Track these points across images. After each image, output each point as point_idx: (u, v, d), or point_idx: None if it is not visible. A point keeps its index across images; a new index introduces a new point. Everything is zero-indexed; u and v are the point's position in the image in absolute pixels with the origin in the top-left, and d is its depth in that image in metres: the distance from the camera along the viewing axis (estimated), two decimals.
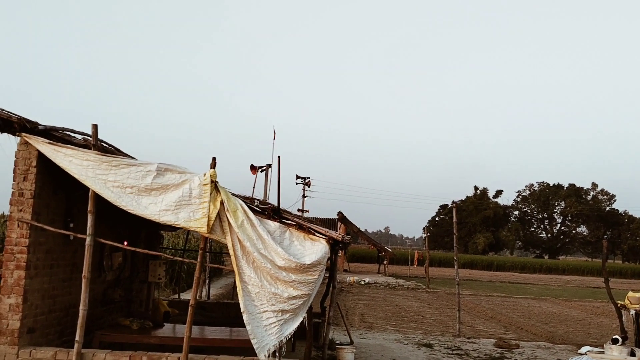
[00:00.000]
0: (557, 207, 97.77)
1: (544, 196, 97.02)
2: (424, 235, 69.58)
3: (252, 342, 6.45)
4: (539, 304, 25.12)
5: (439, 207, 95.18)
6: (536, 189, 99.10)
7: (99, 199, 6.57)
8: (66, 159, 6.48)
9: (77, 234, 6.88)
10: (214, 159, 6.70)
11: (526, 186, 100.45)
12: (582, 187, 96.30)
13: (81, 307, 6.54)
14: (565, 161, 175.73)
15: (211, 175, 6.58)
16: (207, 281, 15.72)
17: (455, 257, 16.10)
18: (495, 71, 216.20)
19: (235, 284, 7.11)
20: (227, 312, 10.93)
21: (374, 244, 44.37)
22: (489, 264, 66.34)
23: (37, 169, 6.60)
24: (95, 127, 6.56)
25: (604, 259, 11.76)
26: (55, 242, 6.99)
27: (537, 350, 12.64)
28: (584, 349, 10.61)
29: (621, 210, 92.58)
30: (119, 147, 7.08)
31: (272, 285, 6.55)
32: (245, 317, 6.46)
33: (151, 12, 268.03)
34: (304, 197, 40.94)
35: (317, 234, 6.89)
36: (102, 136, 6.68)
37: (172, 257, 12.74)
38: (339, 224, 27.60)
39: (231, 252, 6.57)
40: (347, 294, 24.52)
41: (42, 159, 6.60)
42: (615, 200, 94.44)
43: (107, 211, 7.02)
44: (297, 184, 40.13)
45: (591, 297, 30.79)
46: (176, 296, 14.93)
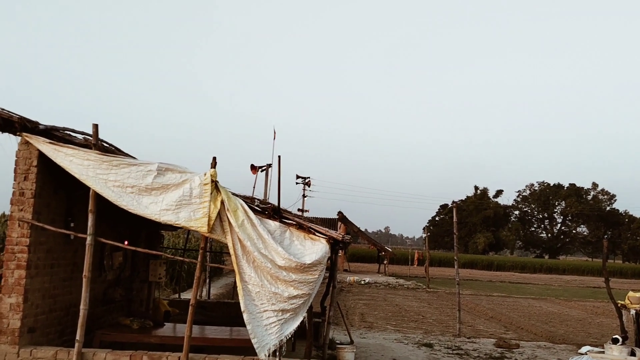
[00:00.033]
0: (557, 207, 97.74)
1: (544, 196, 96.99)
2: (424, 235, 69.62)
3: (253, 341, 6.46)
4: (539, 304, 25.12)
5: (439, 207, 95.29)
6: (536, 188, 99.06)
7: (99, 198, 6.58)
8: (67, 158, 6.49)
9: (77, 234, 6.90)
10: (214, 158, 6.72)
11: (526, 186, 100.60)
12: (583, 187, 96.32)
13: (82, 306, 6.55)
14: (565, 161, 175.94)
15: (211, 174, 6.59)
16: (208, 281, 15.73)
17: (455, 257, 16.11)
18: (495, 71, 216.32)
19: (235, 283, 7.12)
20: (228, 311, 10.93)
21: (374, 244, 44.39)
22: (489, 263, 66.38)
23: (37, 168, 6.61)
24: (95, 126, 6.57)
25: (604, 258, 11.76)
26: (55, 241, 7.00)
27: (538, 350, 12.64)
28: (584, 349, 10.61)
29: (621, 210, 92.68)
30: (119, 147, 7.09)
31: (272, 284, 6.55)
32: (245, 316, 6.47)
33: (151, 12, 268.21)
34: (304, 196, 40.96)
35: (317, 234, 6.89)
36: (102, 136, 6.71)
37: (172, 256, 12.77)
38: (339, 223, 27.70)
39: (231, 251, 6.58)
40: (347, 294, 24.53)
41: (42, 158, 6.61)
42: (615, 200, 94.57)
43: (108, 211, 7.03)
44: (297, 183, 40.17)
45: (591, 297, 30.79)
46: (176, 296, 14.95)
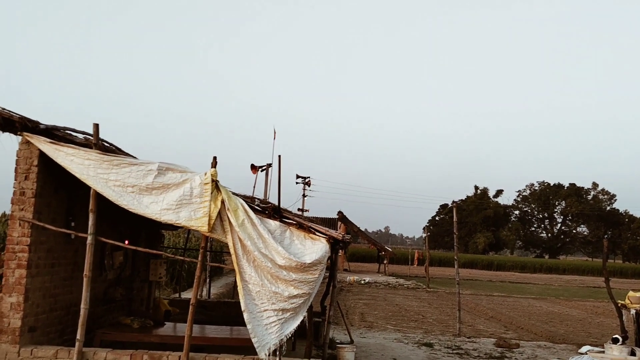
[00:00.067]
0: (557, 207, 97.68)
1: (545, 196, 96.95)
2: (424, 234, 69.64)
3: (253, 341, 6.47)
4: (540, 304, 25.12)
5: (439, 207, 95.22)
6: (537, 188, 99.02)
7: (100, 198, 6.59)
8: (67, 158, 6.49)
9: (78, 233, 6.91)
10: (214, 158, 6.73)
11: (526, 186, 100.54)
12: (583, 187, 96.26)
13: (82, 305, 6.56)
14: (565, 161, 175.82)
15: (212, 174, 6.60)
16: (208, 280, 15.73)
17: (455, 257, 16.11)
18: (495, 71, 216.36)
19: (235, 283, 7.12)
20: (228, 311, 10.93)
21: (374, 244, 44.29)
22: (489, 263, 66.40)
23: (38, 168, 6.62)
24: (96, 126, 6.58)
25: (604, 258, 11.76)
26: (56, 241, 7.01)
27: (538, 349, 12.64)
28: (584, 349, 10.62)
29: (622, 210, 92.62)
30: (119, 147, 7.10)
31: (272, 284, 6.56)
32: (245, 316, 6.47)
33: (152, 11, 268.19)
34: (304, 196, 41.00)
35: (317, 233, 6.90)
36: (103, 136, 6.71)
37: (173, 256, 12.77)
38: (339, 223, 27.74)
39: (232, 251, 6.59)
40: (347, 294, 24.53)
41: (43, 158, 6.62)
42: (615, 200, 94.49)
43: (109, 210, 7.04)
44: (297, 183, 40.21)
45: (591, 296, 30.79)
46: (177, 295, 14.96)
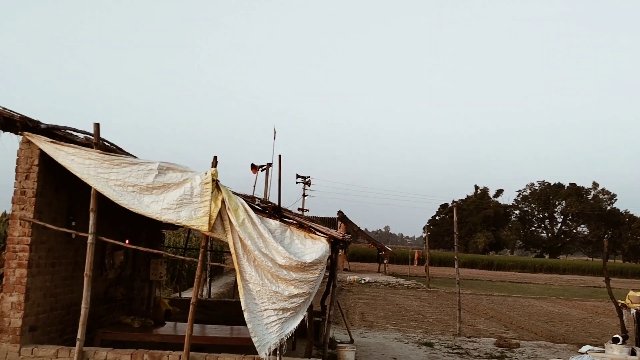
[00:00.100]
0: (557, 207, 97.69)
1: (545, 195, 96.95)
2: (424, 234, 69.66)
3: (253, 340, 6.47)
4: (540, 304, 25.12)
5: (439, 207, 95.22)
6: (537, 188, 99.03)
7: (100, 197, 6.59)
8: (68, 157, 6.50)
9: (79, 233, 6.91)
10: (215, 157, 6.73)
11: (527, 185, 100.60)
12: (583, 187, 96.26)
13: (83, 305, 6.57)
14: (566, 160, 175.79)
15: (212, 173, 6.60)
16: (208, 280, 15.73)
17: (455, 257, 16.12)
18: (495, 71, 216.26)
19: (236, 282, 7.12)
20: (228, 310, 10.94)
21: (374, 243, 44.25)
22: (489, 263, 66.43)
23: (39, 167, 6.62)
24: (97, 126, 6.58)
25: (604, 258, 11.77)
26: (57, 240, 7.01)
27: (538, 349, 12.65)
28: (584, 348, 10.63)
29: (622, 209, 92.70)
30: (120, 146, 7.10)
31: (273, 283, 6.57)
32: (246, 315, 6.48)
33: (152, 12, 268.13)
34: (304, 196, 41.02)
35: (317, 233, 6.91)
36: (103, 135, 6.71)
37: (173, 255, 12.79)
38: (339, 223, 27.73)
39: (232, 250, 6.60)
40: (347, 293, 24.54)
41: (44, 157, 6.62)
42: (616, 199, 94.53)
43: (109, 210, 7.04)
44: (297, 183, 40.23)
45: (592, 296, 30.80)
46: (177, 294, 14.95)
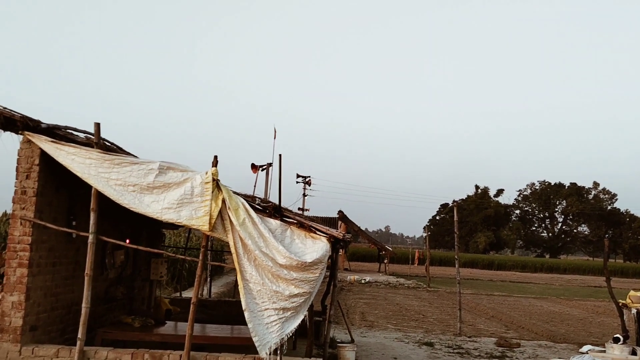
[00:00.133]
0: (558, 206, 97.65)
1: (545, 195, 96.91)
2: (424, 234, 69.61)
3: (254, 339, 6.47)
4: (540, 303, 25.12)
5: (439, 206, 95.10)
6: (537, 188, 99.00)
7: (101, 197, 6.59)
8: (69, 157, 6.50)
9: (79, 232, 6.92)
10: (215, 157, 6.73)
11: (527, 185, 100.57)
12: (584, 186, 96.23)
13: (83, 304, 6.57)
14: (566, 160, 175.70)
15: (213, 173, 6.60)
16: (209, 279, 15.74)
17: (456, 256, 16.11)
18: (495, 71, 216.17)
19: (236, 282, 7.13)
20: (229, 310, 10.94)
21: (374, 243, 44.24)
22: (489, 263, 66.43)
23: (39, 167, 6.62)
24: (97, 125, 6.59)
25: (605, 258, 11.78)
26: (57, 240, 7.01)
27: (538, 349, 12.64)
28: (585, 348, 10.64)
29: (622, 209, 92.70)
30: (121, 146, 7.10)
31: (273, 283, 6.56)
32: (246, 315, 6.48)
33: (152, 12, 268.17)
34: (304, 195, 41.03)
35: (318, 232, 6.90)
36: (103, 135, 6.71)
37: (173, 255, 12.80)
38: (340, 222, 27.72)
39: (233, 250, 6.60)
40: (347, 293, 24.54)
41: (44, 157, 6.62)
42: (616, 199, 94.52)
43: (110, 209, 7.04)
44: (297, 182, 40.25)
45: (592, 296, 30.78)
46: (178, 294, 14.96)
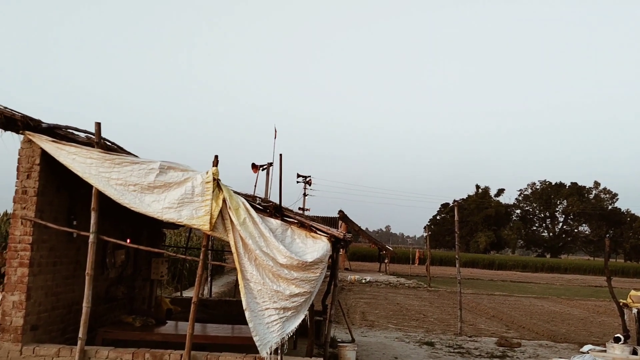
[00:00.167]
0: (559, 206, 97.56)
1: (546, 195, 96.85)
2: (425, 233, 69.60)
3: (254, 339, 6.48)
4: (541, 303, 25.11)
5: (440, 206, 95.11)
6: (538, 187, 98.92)
7: (102, 196, 6.59)
8: (69, 156, 6.50)
9: (80, 232, 6.92)
10: (216, 157, 6.73)
11: (528, 185, 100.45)
12: (585, 186, 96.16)
13: (84, 304, 6.58)
14: (567, 160, 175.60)
15: (213, 173, 6.60)
16: (209, 279, 15.73)
17: (456, 256, 16.10)
18: (496, 71, 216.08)
19: (237, 281, 7.13)
20: (229, 309, 10.94)
21: (375, 243, 44.30)
22: (490, 262, 66.43)
23: (40, 166, 6.62)
24: (98, 125, 6.59)
25: (606, 257, 11.77)
26: (58, 239, 7.02)
27: (539, 349, 12.64)
28: (586, 348, 10.65)
29: (623, 209, 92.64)
30: (121, 145, 7.10)
31: (274, 282, 6.57)
32: (247, 314, 6.48)
33: (152, 13, 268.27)
34: (305, 195, 41.05)
35: (318, 232, 6.90)
36: (104, 135, 6.71)
37: (174, 254, 12.80)
38: (340, 222, 27.73)
39: (233, 249, 6.60)
40: (348, 293, 24.55)
41: (45, 156, 6.62)
42: (617, 199, 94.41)
43: (110, 209, 7.04)
44: (298, 182, 40.27)
45: (593, 295, 30.77)
46: (178, 294, 14.98)
